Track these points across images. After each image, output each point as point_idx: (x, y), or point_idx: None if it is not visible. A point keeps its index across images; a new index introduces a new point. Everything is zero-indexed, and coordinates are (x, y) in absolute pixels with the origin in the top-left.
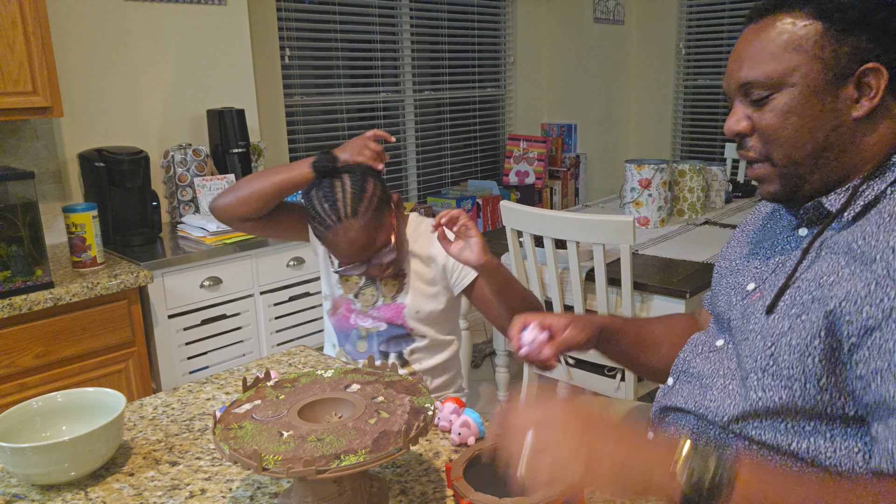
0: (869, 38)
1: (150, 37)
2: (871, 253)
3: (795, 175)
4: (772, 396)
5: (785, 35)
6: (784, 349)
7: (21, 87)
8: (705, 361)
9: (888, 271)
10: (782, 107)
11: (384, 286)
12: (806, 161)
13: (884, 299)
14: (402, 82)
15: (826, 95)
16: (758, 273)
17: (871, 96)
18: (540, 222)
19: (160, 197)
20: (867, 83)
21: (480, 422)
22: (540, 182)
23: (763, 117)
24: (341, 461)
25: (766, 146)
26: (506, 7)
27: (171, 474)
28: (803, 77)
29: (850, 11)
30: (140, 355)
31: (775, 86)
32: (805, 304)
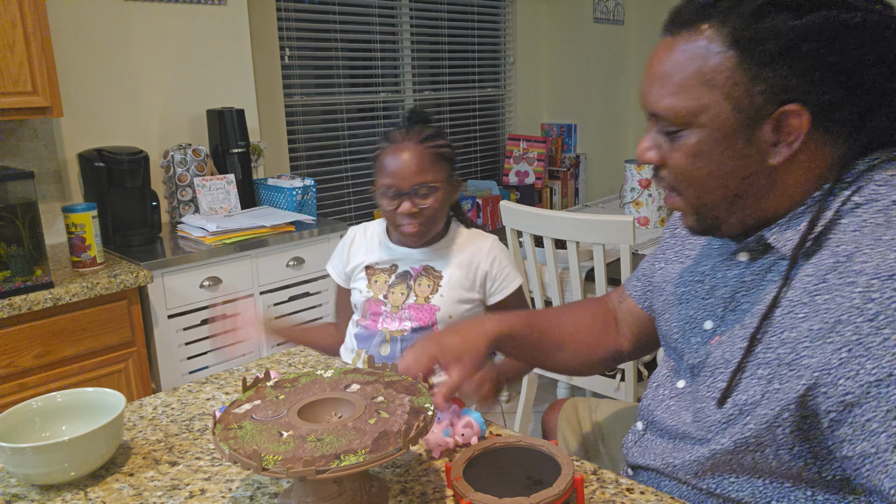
0: (790, 74)
1: (150, 37)
2: (837, 312)
3: (710, 216)
4: (742, 459)
5: (696, 64)
6: (754, 419)
7: (21, 86)
8: (665, 412)
9: (858, 337)
10: (690, 147)
11: (417, 286)
12: (719, 205)
13: (859, 371)
14: (401, 82)
15: (738, 140)
16: (709, 307)
17: (790, 142)
18: (540, 222)
19: (160, 197)
20: (787, 125)
21: (482, 421)
22: (540, 182)
23: (672, 154)
24: (341, 461)
25: (676, 183)
26: (506, 7)
27: (171, 474)
28: (713, 118)
29: (768, 42)
30: (140, 355)
31: (683, 123)
32: (771, 365)
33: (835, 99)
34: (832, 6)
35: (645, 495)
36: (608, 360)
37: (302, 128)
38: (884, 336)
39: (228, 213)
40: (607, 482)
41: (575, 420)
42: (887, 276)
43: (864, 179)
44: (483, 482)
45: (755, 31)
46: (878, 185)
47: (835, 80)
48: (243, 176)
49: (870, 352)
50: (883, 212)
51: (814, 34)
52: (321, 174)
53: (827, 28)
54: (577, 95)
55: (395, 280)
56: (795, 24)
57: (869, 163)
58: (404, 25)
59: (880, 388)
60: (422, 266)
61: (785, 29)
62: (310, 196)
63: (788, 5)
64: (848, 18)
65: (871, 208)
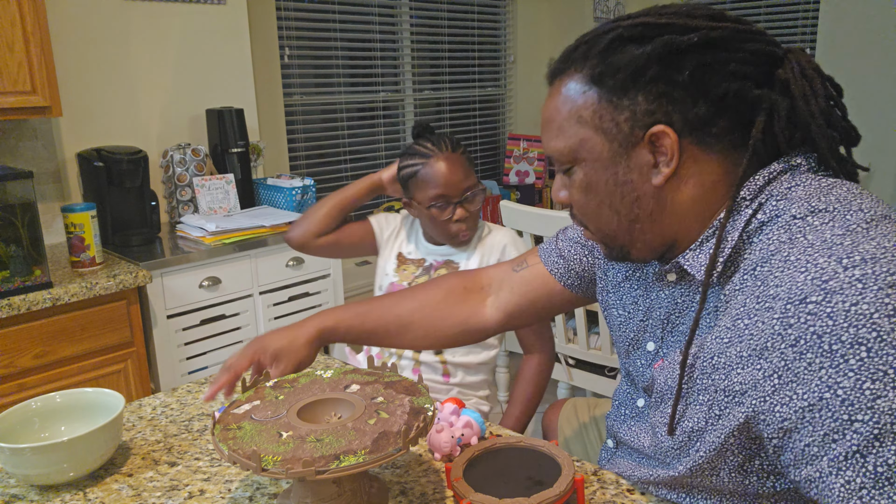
0: (646, 98)
1: (149, 36)
2: (761, 339)
3: (616, 245)
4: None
5: (568, 105)
6: (704, 445)
7: (20, 86)
8: (631, 430)
9: (785, 363)
10: (580, 182)
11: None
12: (619, 233)
13: (792, 398)
14: (401, 82)
15: (618, 167)
16: (649, 328)
17: (667, 161)
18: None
19: (159, 197)
20: (661, 146)
21: (482, 421)
22: (540, 182)
23: (571, 192)
24: (341, 462)
25: (581, 217)
26: (506, 6)
27: (170, 475)
28: (590, 151)
29: (619, 74)
30: (139, 355)
31: (569, 161)
32: (709, 390)
33: (702, 114)
34: (671, 31)
35: (645, 496)
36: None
37: (301, 127)
38: (808, 361)
39: (228, 212)
40: (608, 483)
41: (575, 420)
42: (799, 300)
43: (765, 195)
44: (483, 483)
45: (607, 66)
46: (777, 201)
47: (692, 97)
48: (243, 176)
49: (798, 377)
50: (785, 228)
51: (655, 58)
52: (321, 174)
53: (667, 51)
54: None
55: (421, 272)
56: (639, 52)
57: (767, 176)
58: (404, 25)
59: (814, 413)
60: (444, 259)
61: (631, 59)
62: (309, 196)
63: (633, 38)
64: (686, 39)
65: (775, 225)
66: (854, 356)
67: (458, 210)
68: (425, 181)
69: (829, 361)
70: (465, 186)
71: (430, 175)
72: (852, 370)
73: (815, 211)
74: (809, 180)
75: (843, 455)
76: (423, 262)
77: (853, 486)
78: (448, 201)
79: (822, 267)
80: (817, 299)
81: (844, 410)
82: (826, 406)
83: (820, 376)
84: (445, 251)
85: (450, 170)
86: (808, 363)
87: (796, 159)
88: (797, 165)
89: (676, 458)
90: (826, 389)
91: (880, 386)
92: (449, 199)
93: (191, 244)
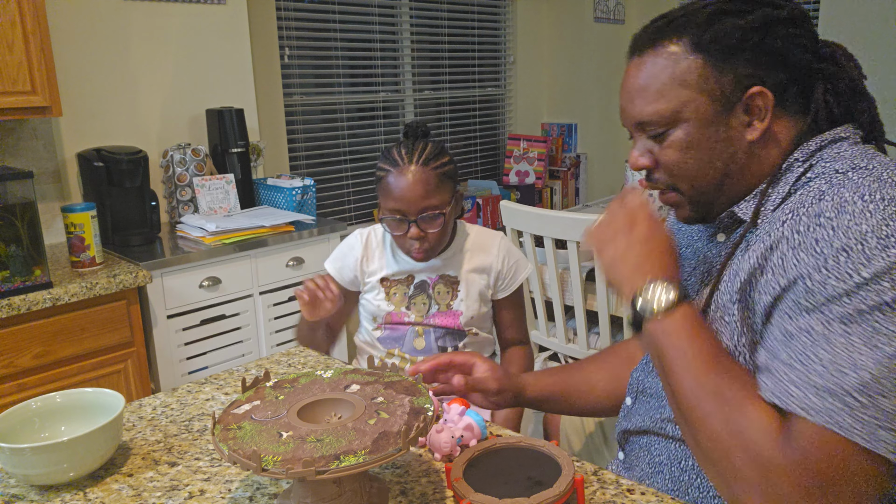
0: (747, 63)
1: (149, 36)
2: (770, 242)
3: (704, 201)
4: None
5: (668, 71)
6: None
7: (20, 86)
8: (657, 379)
9: (783, 262)
10: (680, 142)
11: (437, 294)
12: (711, 188)
13: (774, 287)
14: (401, 82)
15: (719, 125)
16: (690, 284)
17: (762, 117)
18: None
19: (159, 197)
20: (755, 105)
21: (484, 425)
22: (540, 182)
23: (664, 153)
24: (341, 462)
25: (672, 179)
26: (506, 7)
27: (171, 475)
28: (694, 111)
29: (724, 41)
30: (139, 356)
31: (669, 123)
32: (726, 305)
33: (783, 80)
34: (765, 5)
35: (646, 496)
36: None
37: (301, 127)
38: (798, 258)
39: (228, 212)
40: (608, 483)
41: (578, 420)
42: (815, 215)
43: (816, 158)
44: (483, 483)
45: (712, 35)
46: (825, 162)
47: (779, 64)
48: (243, 176)
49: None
50: (826, 179)
51: (757, 28)
52: (321, 174)
53: (764, 22)
54: (578, 95)
55: (414, 291)
56: (741, 22)
57: (819, 143)
58: (404, 25)
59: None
60: (438, 275)
61: (734, 28)
62: (309, 196)
63: (732, 11)
64: (778, 13)
65: (820, 180)
66: (833, 258)
67: (412, 228)
68: (386, 191)
69: (812, 260)
70: (424, 206)
71: (391, 186)
72: (826, 268)
73: (856, 167)
74: (858, 148)
75: (784, 315)
76: (412, 280)
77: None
78: (404, 217)
79: (844, 197)
80: (829, 215)
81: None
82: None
83: (799, 269)
84: (434, 264)
85: (411, 185)
86: (797, 261)
87: (846, 131)
88: (846, 137)
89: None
90: (799, 277)
91: (841, 285)
92: (405, 215)
93: (191, 244)
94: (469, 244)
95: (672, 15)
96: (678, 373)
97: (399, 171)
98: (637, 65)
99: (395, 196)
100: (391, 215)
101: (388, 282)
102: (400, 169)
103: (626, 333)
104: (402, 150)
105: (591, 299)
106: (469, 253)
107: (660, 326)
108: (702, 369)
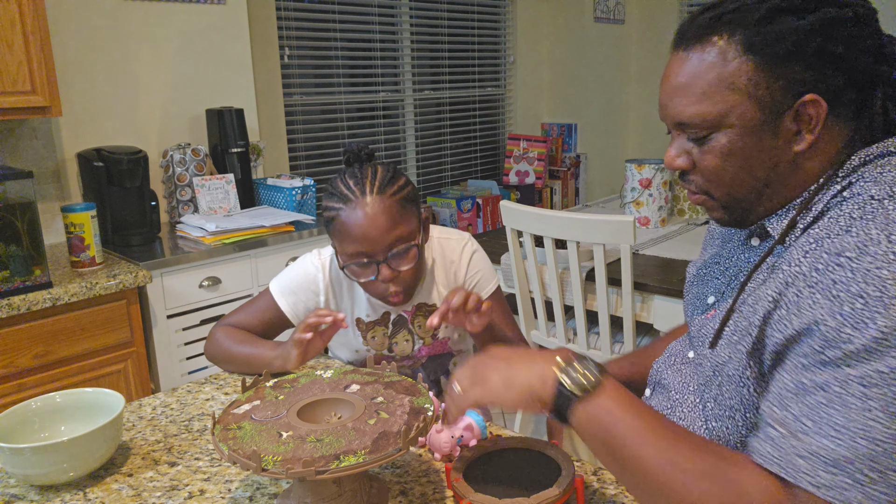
0: (803, 69)
1: (149, 36)
2: (790, 276)
3: (739, 208)
4: (721, 426)
5: (715, 71)
6: (725, 379)
7: (20, 86)
8: (676, 374)
9: (798, 299)
10: (722, 148)
11: (418, 328)
12: (748, 197)
13: (787, 326)
14: (401, 82)
15: (765, 134)
16: (717, 285)
17: (811, 128)
18: (540, 222)
19: (159, 197)
20: (806, 114)
21: (484, 425)
22: (540, 182)
23: (704, 157)
24: (341, 462)
25: (708, 184)
26: (506, 7)
27: (170, 475)
28: (740, 117)
29: (780, 44)
30: (139, 355)
31: (712, 127)
32: (743, 330)
33: (840, 85)
34: (828, 4)
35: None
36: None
37: (301, 127)
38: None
39: (228, 212)
40: (608, 482)
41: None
42: (836, 253)
43: (857, 175)
44: (483, 483)
45: (766, 35)
46: (865, 182)
47: (836, 69)
48: (242, 176)
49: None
50: (860, 206)
51: (817, 31)
52: (321, 174)
53: (827, 24)
54: (578, 95)
55: (394, 329)
56: (800, 24)
57: (863, 157)
58: (404, 25)
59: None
60: (413, 307)
61: (792, 30)
62: (309, 196)
63: (790, 9)
64: (843, 13)
65: (853, 202)
66: (850, 305)
67: (382, 270)
68: (342, 233)
69: (829, 303)
70: (391, 241)
71: (348, 226)
72: (842, 314)
73: (893, 196)
74: None
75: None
76: (388, 317)
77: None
78: (370, 259)
79: (871, 235)
80: (851, 255)
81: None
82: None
83: (814, 312)
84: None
85: (371, 219)
86: (813, 301)
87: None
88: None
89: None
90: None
91: (858, 337)
92: (371, 257)
93: (191, 244)
94: (437, 258)
95: (724, 6)
96: (639, 449)
97: (353, 206)
98: (681, 59)
99: (354, 237)
100: (355, 260)
101: (363, 324)
102: (353, 204)
103: (626, 333)
104: (349, 181)
105: (590, 299)
106: (439, 270)
107: (597, 403)
108: (668, 441)
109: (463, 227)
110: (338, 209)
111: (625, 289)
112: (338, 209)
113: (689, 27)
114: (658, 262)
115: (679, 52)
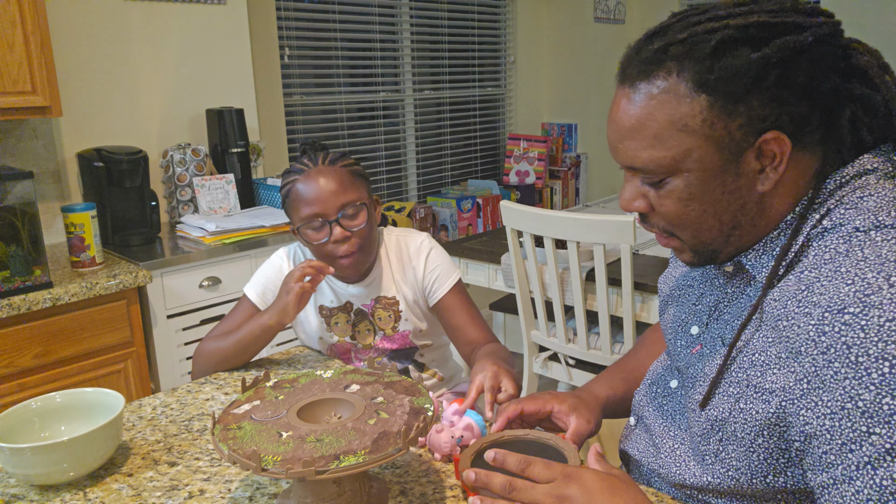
0: (762, 104)
1: (149, 36)
2: (796, 342)
3: (708, 250)
4: (721, 482)
5: (666, 112)
6: (730, 438)
7: (20, 86)
8: (657, 413)
9: (815, 369)
10: (680, 193)
11: (378, 321)
12: (716, 239)
13: (817, 403)
14: (401, 82)
15: (727, 175)
16: (697, 312)
17: (775, 165)
18: (540, 222)
19: (159, 197)
20: (769, 150)
21: (483, 425)
22: (540, 182)
23: (662, 203)
24: (340, 462)
25: (671, 227)
26: (506, 7)
27: (170, 475)
28: (697, 161)
29: (736, 80)
30: (139, 355)
31: (668, 172)
32: (741, 384)
33: (803, 113)
34: (785, 32)
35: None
36: None
37: (301, 127)
38: (834, 370)
39: (228, 212)
40: None
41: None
42: (838, 310)
43: (834, 201)
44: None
45: (720, 72)
46: (846, 209)
47: (798, 97)
48: (243, 176)
49: (825, 385)
50: (845, 239)
51: (776, 63)
52: None
53: (786, 54)
54: (578, 95)
55: (356, 318)
56: (756, 56)
57: (838, 181)
58: (404, 25)
59: (834, 421)
60: (372, 300)
61: (748, 63)
62: None
63: (745, 39)
64: (801, 40)
65: (836, 234)
66: (877, 370)
67: (335, 229)
68: (297, 199)
69: (853, 372)
70: (343, 202)
71: (302, 191)
72: (874, 384)
73: (879, 226)
74: (885, 190)
75: (856, 465)
76: (351, 307)
77: (861, 496)
78: (324, 220)
79: (868, 281)
80: (855, 311)
81: (863, 422)
82: (847, 416)
83: (843, 386)
84: (365, 292)
85: (324, 183)
86: (834, 372)
87: (872, 162)
88: (873, 169)
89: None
90: (848, 400)
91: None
92: (325, 218)
93: (191, 244)
94: (394, 254)
95: (670, 36)
96: None
97: (307, 174)
98: (627, 97)
99: (307, 200)
100: (308, 221)
101: (326, 310)
102: (307, 173)
103: (627, 333)
104: (303, 159)
105: (590, 299)
106: (396, 264)
107: None
108: None
109: (463, 227)
110: (293, 180)
111: (625, 289)
112: (293, 180)
113: (634, 59)
114: (658, 262)
115: (625, 88)
